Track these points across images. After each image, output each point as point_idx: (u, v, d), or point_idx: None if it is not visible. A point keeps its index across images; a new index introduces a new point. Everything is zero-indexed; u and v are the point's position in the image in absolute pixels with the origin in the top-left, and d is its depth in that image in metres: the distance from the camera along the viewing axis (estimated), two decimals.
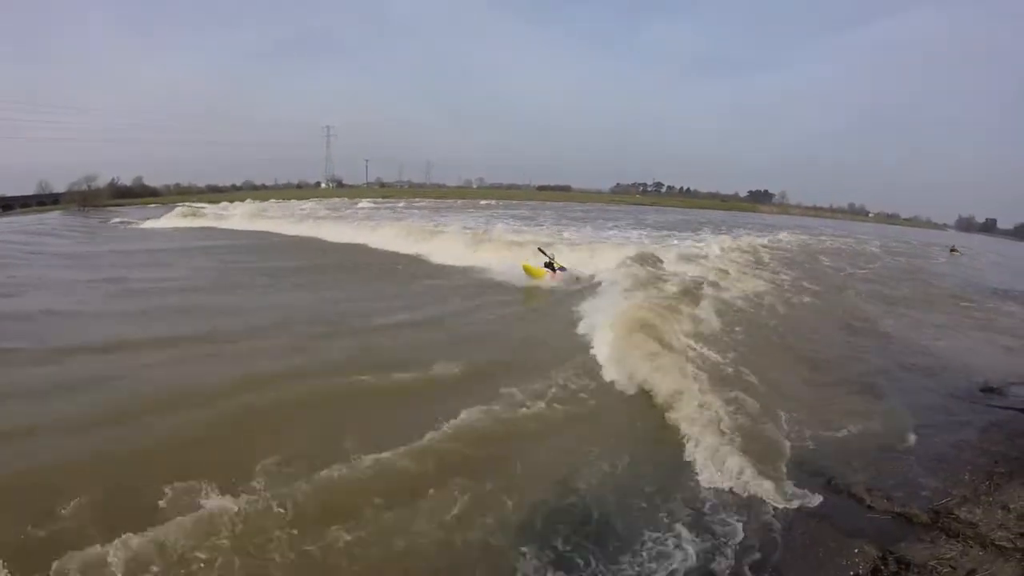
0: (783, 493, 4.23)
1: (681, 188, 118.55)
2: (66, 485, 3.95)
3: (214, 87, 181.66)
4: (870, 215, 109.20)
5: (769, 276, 14.64)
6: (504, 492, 4.17)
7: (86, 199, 52.90)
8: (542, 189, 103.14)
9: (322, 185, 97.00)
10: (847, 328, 10.36)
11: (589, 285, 12.16)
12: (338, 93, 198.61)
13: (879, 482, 4.58)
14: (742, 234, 28.86)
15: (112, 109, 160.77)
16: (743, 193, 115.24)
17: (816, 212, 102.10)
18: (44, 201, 56.07)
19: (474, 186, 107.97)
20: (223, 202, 45.04)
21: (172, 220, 32.20)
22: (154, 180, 78.56)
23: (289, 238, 24.05)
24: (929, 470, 4.86)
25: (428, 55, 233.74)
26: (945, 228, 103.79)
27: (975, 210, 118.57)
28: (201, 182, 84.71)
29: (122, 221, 34.53)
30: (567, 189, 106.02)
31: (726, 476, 4.48)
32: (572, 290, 11.74)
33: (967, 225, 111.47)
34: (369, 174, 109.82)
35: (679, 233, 29.09)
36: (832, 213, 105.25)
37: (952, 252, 32.86)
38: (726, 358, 7.27)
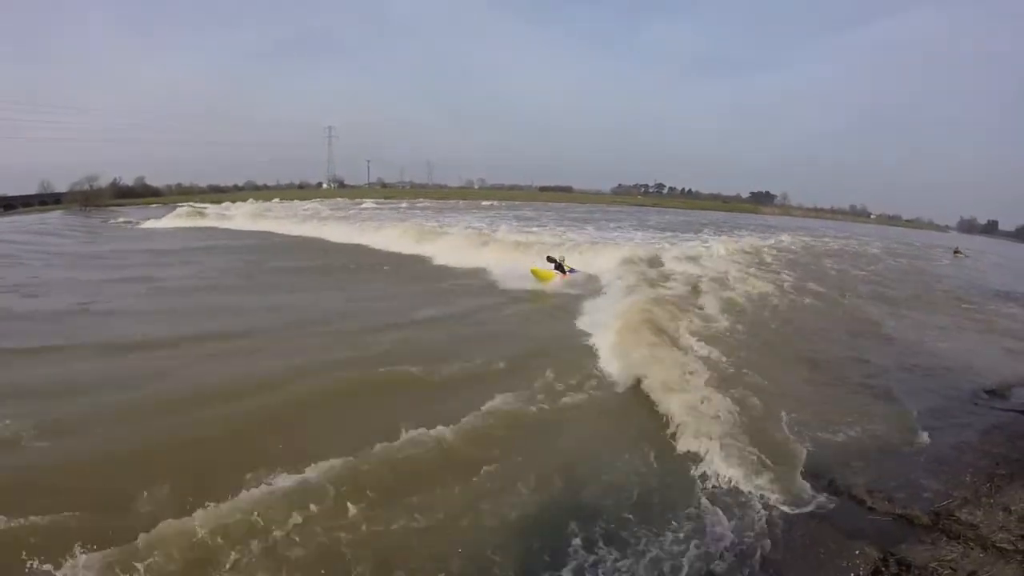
0: (784, 493, 4.25)
1: (683, 189, 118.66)
2: (145, 467, 4.27)
3: (214, 87, 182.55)
4: (872, 216, 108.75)
5: (771, 277, 14.64)
6: (502, 491, 4.20)
7: (88, 199, 52.98)
8: (543, 190, 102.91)
9: (324, 185, 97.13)
10: (849, 329, 10.34)
11: (595, 285, 12.17)
12: (338, 93, 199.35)
13: (880, 483, 4.58)
14: (744, 235, 28.90)
15: (112, 109, 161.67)
16: (745, 194, 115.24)
17: (818, 213, 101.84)
18: (46, 201, 56.18)
19: (475, 187, 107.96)
20: (225, 202, 45.06)
21: (175, 220, 32.30)
22: (155, 180, 78.97)
23: (295, 239, 24.09)
24: (930, 472, 4.86)
25: (428, 55, 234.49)
26: (947, 230, 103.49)
27: (976, 211, 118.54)
28: (203, 182, 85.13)
29: (126, 221, 34.63)
30: (568, 190, 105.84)
31: (727, 476, 4.50)
32: (575, 293, 11.72)
33: (969, 227, 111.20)
34: (370, 174, 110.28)
35: (682, 234, 29.15)
36: (834, 214, 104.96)
37: (956, 254, 32.57)
38: (728, 357, 7.29)
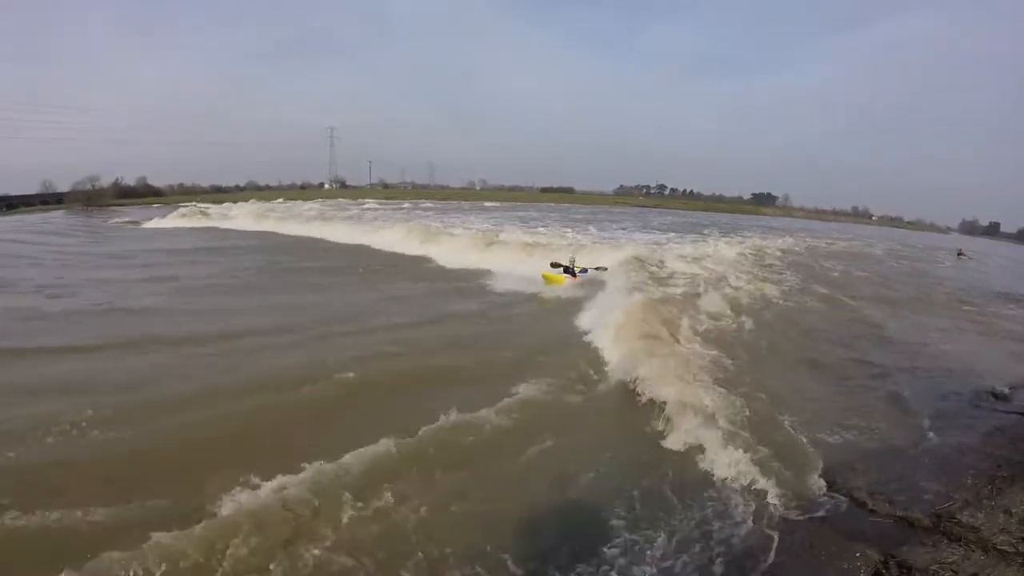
0: (785, 495, 4.23)
1: (684, 190, 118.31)
2: (213, 451, 4.56)
3: (214, 87, 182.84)
4: (873, 218, 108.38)
5: (774, 278, 14.63)
6: (499, 490, 4.20)
7: (90, 199, 53.10)
8: (545, 191, 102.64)
9: (326, 186, 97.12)
10: (852, 330, 10.32)
11: (601, 285, 12.15)
12: (338, 93, 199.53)
13: (881, 485, 4.57)
14: (747, 236, 28.86)
15: (112, 109, 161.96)
16: (746, 195, 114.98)
17: (819, 215, 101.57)
18: (48, 200, 56.38)
19: (477, 187, 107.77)
20: (226, 203, 44.75)
21: (178, 220, 32.32)
22: (157, 180, 79.01)
23: (302, 239, 24.00)
24: (931, 474, 4.84)
25: (428, 55, 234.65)
26: (949, 231, 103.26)
27: (978, 213, 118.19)
28: (205, 182, 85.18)
29: (129, 221, 34.69)
30: (570, 191, 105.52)
31: (727, 477, 4.48)
32: (579, 296, 11.71)
33: (971, 228, 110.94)
34: (372, 175, 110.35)
35: (685, 235, 29.14)
36: (835, 216, 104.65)
37: (960, 256, 32.35)
38: (730, 358, 7.28)
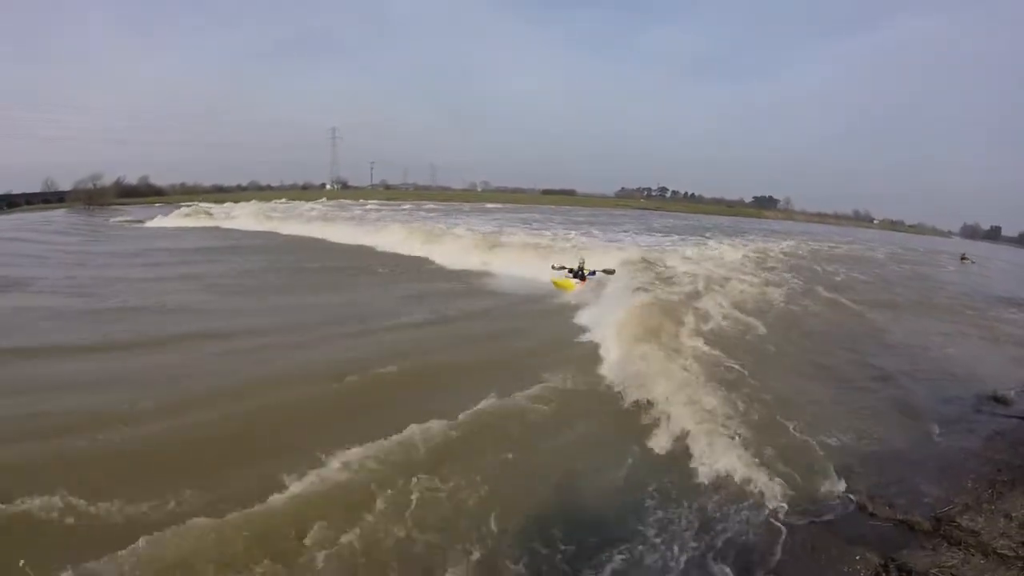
0: (785, 497, 4.23)
1: (685, 193, 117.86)
2: (251, 439, 4.88)
3: (214, 87, 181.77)
4: (875, 221, 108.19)
5: (776, 280, 14.62)
6: (497, 490, 4.19)
7: (92, 198, 53.32)
8: (546, 193, 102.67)
9: (327, 186, 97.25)
10: (854, 334, 10.33)
11: (607, 287, 12.17)
12: (339, 93, 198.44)
13: (881, 488, 4.58)
14: (749, 239, 28.86)
15: (113, 109, 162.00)
16: (748, 198, 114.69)
17: (821, 218, 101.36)
18: (49, 199, 56.49)
19: (479, 189, 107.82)
20: (227, 203, 44.79)
21: (180, 220, 32.32)
22: (158, 180, 78.91)
23: (305, 239, 24.06)
24: (932, 477, 4.85)
25: (428, 56, 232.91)
26: (950, 235, 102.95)
27: (979, 217, 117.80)
28: (207, 182, 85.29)
29: (131, 220, 34.72)
30: (571, 193, 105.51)
31: (727, 479, 4.49)
32: (587, 296, 11.73)
33: (972, 232, 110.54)
34: (373, 176, 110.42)
35: (688, 237, 29.24)
36: (837, 219, 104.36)
37: (963, 260, 32.11)
38: (732, 359, 7.28)
